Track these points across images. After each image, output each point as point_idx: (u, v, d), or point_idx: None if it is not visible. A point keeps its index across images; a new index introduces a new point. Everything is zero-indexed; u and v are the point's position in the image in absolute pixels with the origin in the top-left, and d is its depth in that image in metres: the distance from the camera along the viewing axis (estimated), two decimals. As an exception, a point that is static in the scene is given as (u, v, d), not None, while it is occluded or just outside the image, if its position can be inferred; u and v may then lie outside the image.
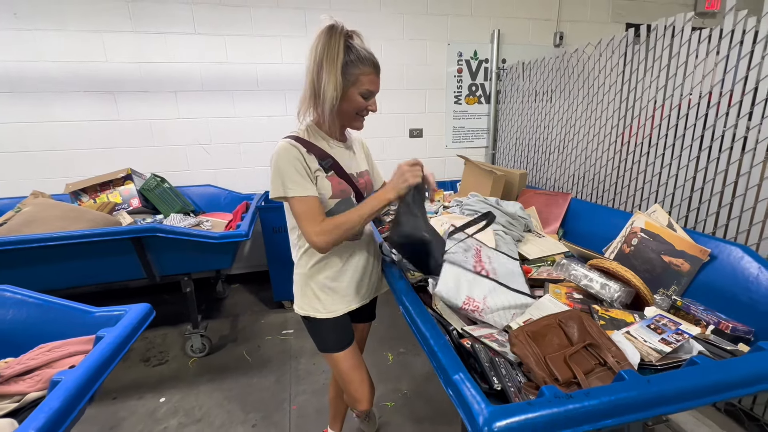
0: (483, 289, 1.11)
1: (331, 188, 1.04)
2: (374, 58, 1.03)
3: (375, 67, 1.02)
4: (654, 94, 1.74)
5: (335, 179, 1.06)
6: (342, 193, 1.06)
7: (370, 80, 1.01)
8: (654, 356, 0.93)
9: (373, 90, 1.04)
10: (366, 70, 1.00)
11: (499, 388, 0.85)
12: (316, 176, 1.03)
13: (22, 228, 1.74)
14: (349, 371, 1.18)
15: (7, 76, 2.34)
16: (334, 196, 1.05)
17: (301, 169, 0.99)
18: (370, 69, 1.01)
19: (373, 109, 1.06)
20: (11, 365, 0.97)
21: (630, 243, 1.53)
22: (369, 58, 1.01)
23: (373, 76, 1.02)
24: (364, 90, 1.01)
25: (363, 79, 1.00)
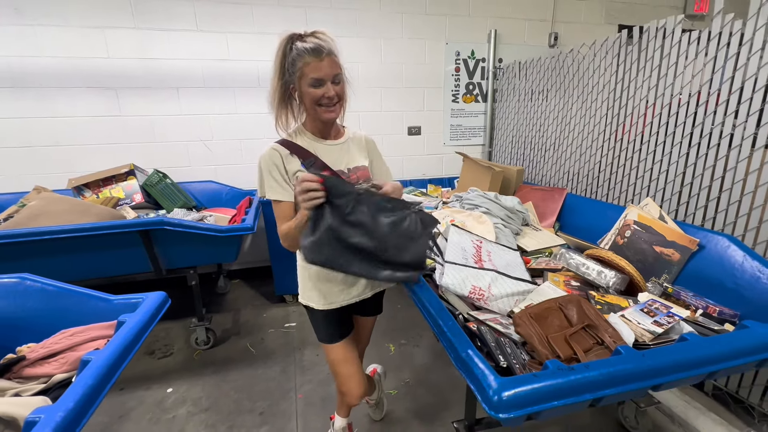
0: (486, 279, 1.17)
1: None
2: (316, 46, 0.99)
3: (316, 54, 0.99)
4: (646, 93, 1.82)
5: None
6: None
7: (312, 68, 0.99)
8: (647, 336, 1.00)
9: (319, 76, 1.00)
10: (306, 60, 0.99)
11: (505, 365, 0.91)
12: (296, 177, 1.07)
13: (29, 221, 1.76)
14: (337, 363, 1.22)
15: (9, 71, 2.34)
16: None
17: (277, 174, 1.07)
18: (311, 57, 0.99)
19: (328, 94, 1.02)
20: (35, 349, 1.01)
21: (623, 235, 1.60)
22: (308, 48, 0.99)
23: (315, 63, 0.99)
24: (311, 79, 1.00)
25: (305, 69, 1.00)
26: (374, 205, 0.95)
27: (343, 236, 0.94)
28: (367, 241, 0.95)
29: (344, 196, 0.93)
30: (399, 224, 0.96)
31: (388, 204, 0.96)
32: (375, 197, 0.96)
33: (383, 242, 0.96)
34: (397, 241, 0.96)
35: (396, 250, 0.97)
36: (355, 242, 0.94)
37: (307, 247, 0.94)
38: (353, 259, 0.96)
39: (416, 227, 0.97)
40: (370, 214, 0.95)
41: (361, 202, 0.94)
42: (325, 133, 1.15)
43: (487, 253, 1.31)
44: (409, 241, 0.97)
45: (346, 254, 0.95)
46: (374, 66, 2.93)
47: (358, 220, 0.94)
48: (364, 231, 0.95)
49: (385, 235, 0.96)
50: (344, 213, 0.93)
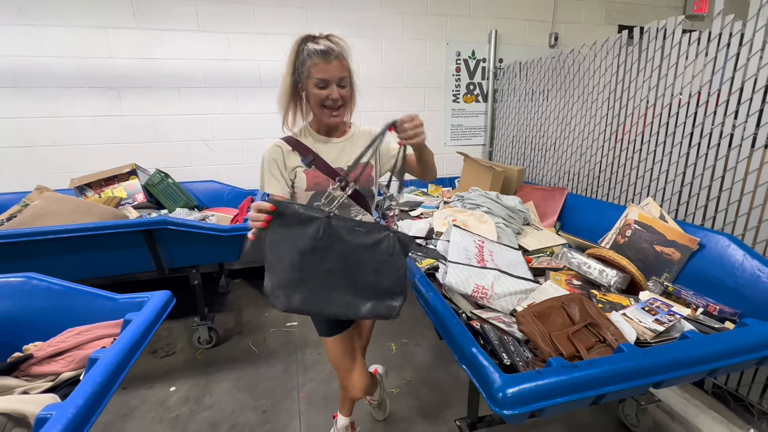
0: (489, 278, 1.18)
1: (305, 181, 1.11)
2: (326, 48, 1.01)
3: (323, 56, 1.01)
4: (646, 93, 1.83)
5: (312, 174, 1.11)
6: (316, 186, 1.11)
7: (318, 69, 1.02)
8: (649, 335, 1.01)
9: (325, 77, 1.02)
10: (314, 62, 1.01)
11: (509, 363, 0.92)
12: (295, 172, 1.12)
13: (33, 221, 1.77)
14: (337, 357, 1.23)
15: (12, 71, 2.35)
16: (309, 188, 1.12)
17: (275, 170, 1.10)
18: (318, 59, 1.01)
19: (332, 96, 1.04)
20: (42, 348, 1.02)
21: (624, 234, 1.61)
22: (317, 50, 1.01)
23: (321, 65, 1.01)
24: (316, 80, 1.03)
25: (312, 70, 1.02)
26: (346, 228, 0.90)
27: (314, 265, 0.88)
28: (342, 267, 0.90)
29: (312, 221, 0.88)
30: (375, 247, 0.91)
31: (361, 228, 0.91)
32: (346, 221, 0.91)
33: (360, 267, 0.91)
34: (376, 265, 0.91)
35: (374, 275, 0.92)
36: (328, 269, 0.89)
37: (273, 294, 0.89)
38: (330, 297, 0.91)
39: (394, 249, 0.91)
40: (343, 238, 0.90)
41: (331, 226, 0.89)
42: (329, 131, 1.17)
43: (490, 253, 1.32)
44: (387, 264, 0.91)
45: (321, 291, 0.90)
46: (375, 66, 2.93)
47: (329, 244, 0.89)
48: (337, 255, 0.90)
49: (361, 259, 0.91)
50: (315, 238, 0.88)
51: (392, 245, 0.91)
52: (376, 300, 0.93)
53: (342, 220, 0.91)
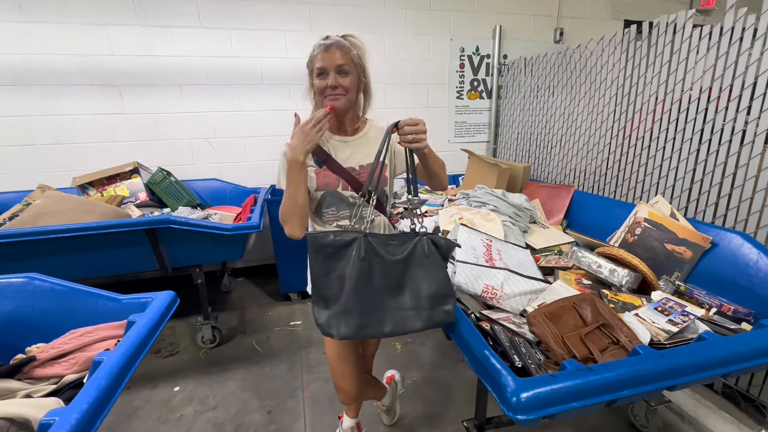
0: (499, 278, 1.16)
1: (315, 181, 1.10)
2: (329, 41, 1.02)
3: (325, 47, 1.01)
4: (655, 89, 1.80)
5: (322, 173, 1.10)
6: (326, 186, 1.10)
7: (319, 58, 1.02)
8: (662, 336, 0.99)
9: (323, 66, 1.01)
10: (316, 53, 1.03)
11: (521, 366, 0.90)
12: (306, 171, 1.08)
13: (35, 220, 1.75)
14: (333, 359, 1.21)
15: (13, 69, 2.33)
16: (318, 188, 1.10)
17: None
18: (319, 50, 1.02)
19: (330, 84, 1.02)
20: (45, 350, 1.00)
21: (633, 232, 1.58)
22: (321, 43, 1.02)
23: (321, 53, 1.01)
24: (316, 70, 1.03)
25: (315, 61, 1.03)
26: (383, 243, 0.90)
27: (361, 288, 0.87)
28: (385, 283, 0.89)
29: (350, 244, 0.88)
30: (412, 254, 0.90)
31: (394, 240, 0.91)
32: (380, 237, 0.91)
33: (402, 277, 0.90)
34: (417, 273, 0.90)
35: (420, 283, 0.90)
36: (377, 288, 0.88)
37: (329, 324, 0.89)
38: (383, 317, 0.89)
39: (429, 251, 0.90)
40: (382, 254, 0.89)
41: (370, 243, 0.89)
42: (341, 129, 1.14)
43: (498, 252, 1.30)
44: (427, 267, 0.90)
45: (373, 313, 0.88)
46: (378, 63, 2.90)
47: (373, 261, 0.88)
48: (380, 272, 0.88)
49: (401, 269, 0.89)
50: (360, 258, 0.87)
51: (427, 247, 0.90)
52: (430, 308, 0.90)
53: (377, 237, 0.90)
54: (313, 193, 1.12)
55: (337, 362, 1.21)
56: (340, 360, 1.20)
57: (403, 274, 0.90)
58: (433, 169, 1.06)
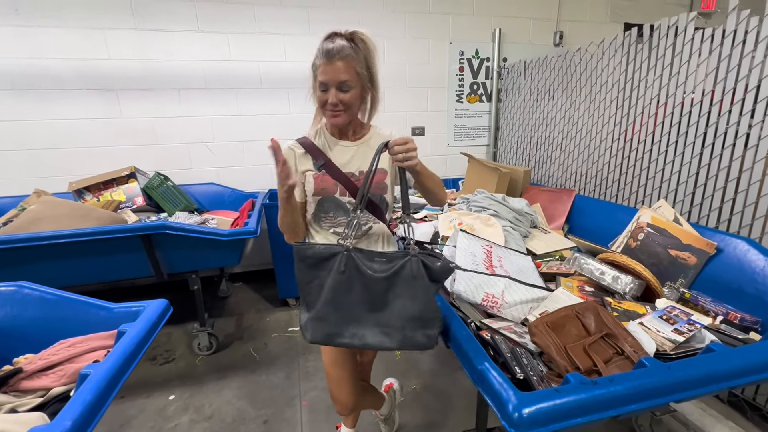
0: (500, 286, 1.13)
1: (313, 186, 1.08)
2: (332, 48, 0.96)
3: (327, 56, 0.96)
4: (657, 92, 1.78)
5: (320, 177, 1.08)
6: (323, 191, 1.08)
7: (321, 71, 0.98)
8: (668, 345, 0.96)
9: (325, 80, 0.98)
10: (319, 62, 0.98)
11: (522, 377, 0.87)
12: (305, 176, 1.10)
13: (30, 226, 1.73)
14: (329, 365, 1.18)
15: (9, 73, 2.31)
16: (315, 193, 1.09)
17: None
18: (322, 60, 0.97)
19: (330, 101, 0.99)
20: (33, 361, 0.97)
21: (636, 238, 1.56)
22: (325, 49, 0.97)
23: (323, 66, 0.97)
24: (318, 82, 1.00)
25: (317, 72, 0.99)
26: (368, 259, 0.89)
27: (338, 299, 0.88)
28: (366, 297, 0.88)
29: (333, 256, 0.89)
30: (399, 273, 0.87)
31: (383, 257, 0.89)
32: (367, 253, 0.89)
33: (383, 294, 0.87)
34: (402, 293, 0.87)
35: (403, 303, 0.87)
36: (356, 301, 0.88)
37: (305, 326, 0.91)
38: (357, 329, 0.89)
39: (417, 272, 0.86)
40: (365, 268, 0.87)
41: (353, 259, 0.88)
42: (343, 133, 1.12)
43: (498, 258, 1.27)
44: (413, 289, 0.87)
45: (347, 324, 0.89)
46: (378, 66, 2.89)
47: (353, 276, 0.87)
48: (360, 286, 0.88)
49: (384, 286, 0.87)
50: (339, 271, 0.87)
51: (415, 268, 0.86)
52: (410, 329, 0.88)
53: (362, 252, 0.89)
54: (311, 197, 1.10)
55: (333, 368, 1.18)
56: (335, 366, 1.17)
57: (387, 291, 0.88)
58: (429, 187, 1.03)
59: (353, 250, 0.89)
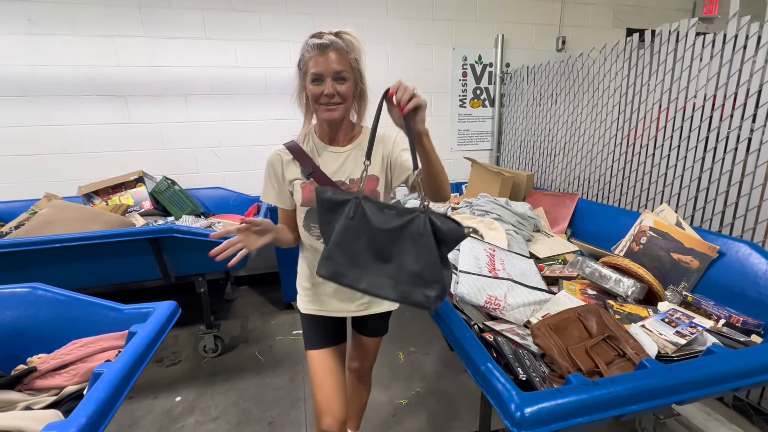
0: (502, 289, 1.15)
1: (301, 195, 1.03)
2: (324, 41, 0.92)
3: (320, 48, 0.92)
4: (659, 97, 1.79)
5: (308, 187, 1.02)
6: (310, 201, 1.02)
7: (314, 63, 0.93)
8: (670, 348, 0.97)
9: (318, 71, 0.93)
10: (310, 55, 0.93)
11: (524, 378, 0.88)
12: (293, 184, 1.04)
13: (42, 229, 1.76)
14: (317, 374, 1.11)
15: (21, 80, 2.37)
16: (304, 203, 1.04)
17: (274, 181, 1.06)
18: (314, 52, 0.92)
19: (327, 92, 0.93)
20: (46, 360, 1.00)
21: (639, 241, 1.57)
22: (313, 43, 0.93)
23: (316, 57, 0.92)
24: (311, 75, 0.94)
25: (309, 65, 0.94)
26: (377, 209, 0.89)
27: (346, 243, 0.89)
28: (372, 246, 0.89)
29: (345, 203, 0.90)
30: (405, 228, 0.86)
31: (392, 210, 0.88)
32: (377, 203, 0.90)
33: (389, 246, 0.87)
34: (406, 248, 0.86)
35: (406, 258, 0.86)
36: (362, 248, 0.89)
37: (320, 263, 0.93)
38: (362, 274, 0.90)
39: (424, 230, 0.84)
40: (374, 218, 0.88)
41: (362, 207, 0.89)
42: (332, 138, 1.05)
43: (501, 262, 1.28)
44: (418, 245, 0.84)
45: (353, 268, 0.90)
46: (381, 72, 2.92)
47: (360, 223, 0.89)
48: (367, 235, 0.88)
49: (390, 238, 0.87)
50: (348, 217, 0.89)
51: (422, 226, 0.83)
52: (409, 285, 0.86)
53: (372, 202, 0.90)
54: (299, 207, 1.06)
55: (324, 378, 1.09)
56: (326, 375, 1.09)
57: (392, 244, 0.87)
58: (436, 168, 0.90)
59: (364, 199, 0.89)
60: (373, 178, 1.04)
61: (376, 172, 1.05)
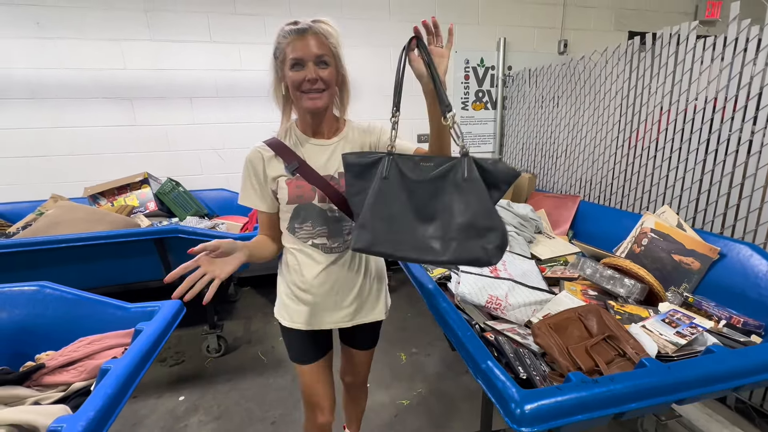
0: (503, 289, 1.16)
1: (287, 193, 0.96)
2: (302, 26, 0.86)
3: (298, 32, 0.86)
4: (660, 99, 1.80)
5: (294, 182, 0.95)
6: (298, 198, 0.96)
7: (292, 48, 0.86)
8: (670, 348, 0.98)
9: (298, 56, 0.86)
10: (287, 41, 0.87)
11: (525, 377, 0.89)
12: (277, 182, 0.97)
13: (48, 230, 1.79)
14: (307, 388, 1.11)
15: (29, 83, 2.40)
16: (291, 201, 0.96)
17: (254, 180, 0.98)
18: (291, 36, 0.86)
19: (309, 77, 0.87)
20: (54, 357, 1.02)
21: (640, 243, 1.57)
22: (290, 29, 0.87)
23: (294, 42, 0.86)
24: (290, 60, 0.87)
25: (287, 50, 0.87)
26: (413, 164, 0.80)
27: (382, 207, 0.79)
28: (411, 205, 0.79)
29: (377, 162, 0.81)
30: (446, 175, 0.77)
31: (429, 162, 0.80)
32: (411, 157, 0.82)
33: (432, 201, 0.78)
34: (449, 197, 0.77)
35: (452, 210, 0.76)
36: (397, 210, 0.79)
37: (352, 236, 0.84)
38: (403, 239, 0.79)
39: (470, 174, 0.75)
40: (410, 173, 0.79)
41: (395, 163, 0.80)
42: (316, 131, 0.98)
43: (502, 262, 1.29)
44: (464, 192, 0.75)
45: (392, 233, 0.79)
46: (384, 74, 2.94)
47: (396, 181, 0.80)
48: (405, 193, 0.79)
49: (431, 191, 0.78)
50: (382, 177, 0.80)
51: (467, 169, 0.75)
52: (462, 241, 0.75)
53: (407, 157, 0.82)
54: (284, 206, 0.98)
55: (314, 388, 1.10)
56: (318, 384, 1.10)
57: (434, 196, 0.78)
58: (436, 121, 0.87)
59: (397, 156, 0.82)
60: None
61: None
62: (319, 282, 1.02)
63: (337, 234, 1.00)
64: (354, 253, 1.02)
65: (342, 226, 1.00)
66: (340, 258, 1.01)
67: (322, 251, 1.00)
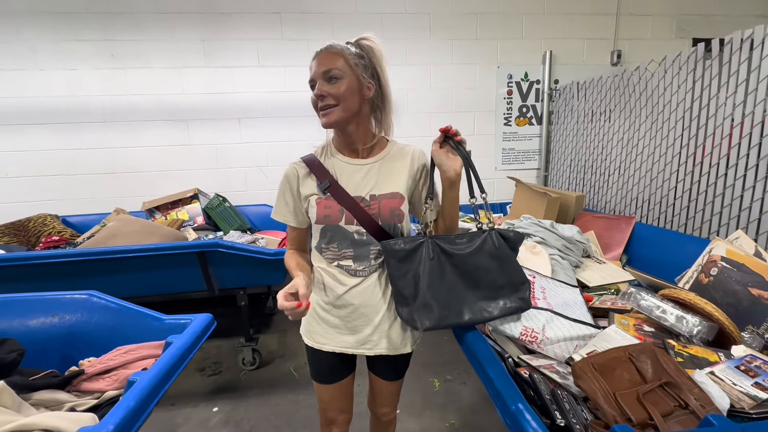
0: (541, 320, 1.06)
1: (316, 212, 0.96)
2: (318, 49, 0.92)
3: (315, 55, 0.91)
4: (731, 111, 1.61)
5: (323, 202, 0.95)
6: (326, 218, 0.95)
7: (310, 70, 0.93)
8: (747, 402, 0.82)
9: (311, 77, 0.92)
10: (311, 64, 0.93)
11: (563, 425, 0.79)
12: (309, 200, 0.98)
13: (107, 240, 1.95)
14: (322, 404, 1.14)
15: (103, 108, 2.69)
16: (318, 221, 0.96)
17: (289, 196, 1.01)
18: (312, 61, 0.92)
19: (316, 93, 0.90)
20: (93, 364, 1.07)
21: (708, 273, 1.38)
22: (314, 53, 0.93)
23: (311, 64, 0.92)
24: (309, 84, 0.93)
25: (310, 73, 0.93)
26: (450, 243, 0.96)
27: (437, 284, 0.93)
28: (460, 277, 0.95)
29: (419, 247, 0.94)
30: (482, 249, 0.95)
31: (462, 238, 0.97)
32: (447, 237, 0.97)
33: (474, 271, 0.95)
34: (490, 265, 0.95)
35: (493, 274, 0.96)
36: (451, 283, 0.94)
37: (412, 318, 0.94)
38: (461, 308, 0.95)
39: (499, 243, 0.96)
40: (451, 252, 0.95)
41: (436, 244, 0.95)
42: (351, 150, 0.98)
43: (541, 290, 1.19)
44: (499, 260, 0.96)
45: (451, 306, 0.94)
46: (423, 92, 2.94)
47: (442, 260, 0.95)
48: (452, 268, 0.95)
49: (473, 263, 0.95)
50: (430, 259, 0.94)
51: (495, 240, 0.96)
52: (505, 297, 0.97)
53: (443, 239, 0.96)
54: (314, 226, 0.99)
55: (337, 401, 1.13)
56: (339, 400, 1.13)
57: (476, 267, 0.95)
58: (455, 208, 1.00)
59: (434, 237, 0.96)
60: (397, 196, 0.96)
61: (401, 190, 0.97)
62: (341, 303, 1.01)
63: (363, 258, 0.98)
64: (379, 279, 1.00)
65: (369, 250, 0.98)
66: (364, 281, 0.99)
67: (348, 273, 1.00)
